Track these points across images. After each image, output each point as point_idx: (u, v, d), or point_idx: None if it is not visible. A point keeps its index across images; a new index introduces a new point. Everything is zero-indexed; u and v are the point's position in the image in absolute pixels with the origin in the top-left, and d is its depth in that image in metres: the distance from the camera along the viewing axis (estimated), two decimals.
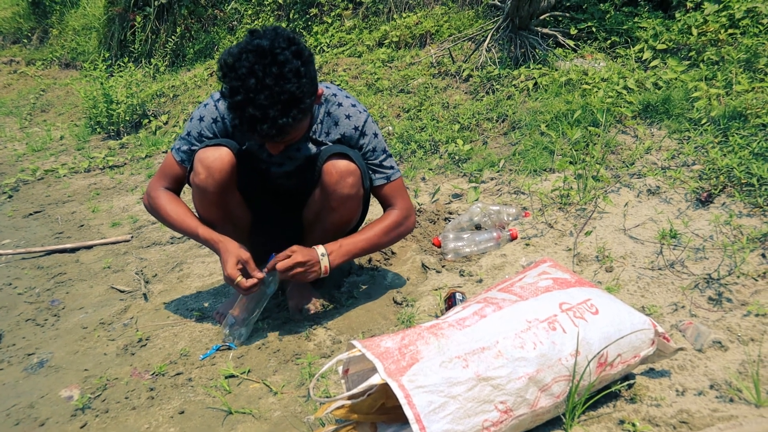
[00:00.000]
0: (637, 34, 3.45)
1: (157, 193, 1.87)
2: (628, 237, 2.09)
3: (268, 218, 2.04)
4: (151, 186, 1.90)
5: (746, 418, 1.22)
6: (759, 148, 2.18)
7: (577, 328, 1.24)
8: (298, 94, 1.51)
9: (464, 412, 1.10)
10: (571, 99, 3.05)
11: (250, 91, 1.48)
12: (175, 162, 1.86)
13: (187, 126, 1.85)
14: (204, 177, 1.74)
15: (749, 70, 2.75)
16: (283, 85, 1.48)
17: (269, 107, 1.49)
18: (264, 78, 1.47)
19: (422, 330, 1.23)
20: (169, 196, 1.88)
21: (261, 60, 1.48)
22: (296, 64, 1.51)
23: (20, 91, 7.24)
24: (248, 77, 1.47)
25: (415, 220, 1.96)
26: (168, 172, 1.89)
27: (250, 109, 1.49)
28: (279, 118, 1.51)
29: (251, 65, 1.47)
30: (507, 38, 3.74)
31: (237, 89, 1.49)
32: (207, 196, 1.78)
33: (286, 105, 1.50)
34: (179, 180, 1.89)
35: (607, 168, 2.54)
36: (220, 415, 1.54)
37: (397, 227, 1.90)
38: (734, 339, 1.51)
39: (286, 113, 1.51)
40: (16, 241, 3.12)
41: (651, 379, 1.42)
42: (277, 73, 1.48)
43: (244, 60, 1.48)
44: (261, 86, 1.48)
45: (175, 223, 1.84)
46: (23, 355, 1.98)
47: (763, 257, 1.79)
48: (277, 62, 1.48)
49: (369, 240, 1.85)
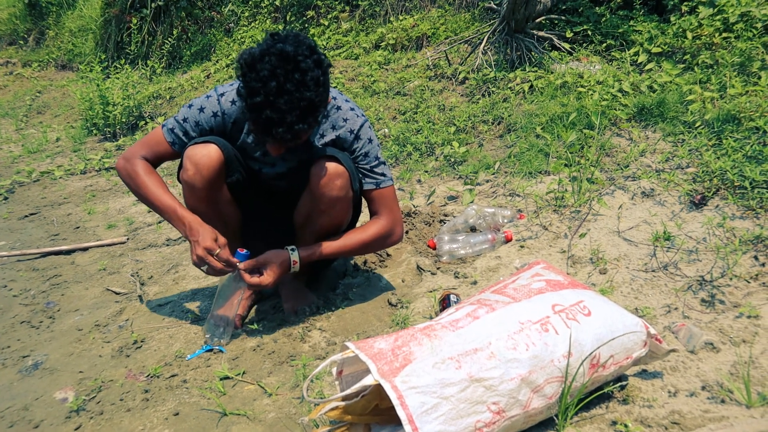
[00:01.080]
0: (632, 38, 3.46)
1: (136, 161, 1.83)
2: (622, 239, 2.10)
3: (260, 218, 2.05)
4: (131, 152, 1.86)
5: (737, 418, 1.23)
6: (752, 151, 2.19)
7: (570, 330, 1.25)
8: (316, 102, 1.54)
9: (457, 412, 1.11)
10: (567, 102, 3.06)
11: (270, 94, 1.49)
12: (164, 140, 1.84)
13: (184, 111, 1.83)
14: (192, 173, 1.75)
15: (743, 74, 2.76)
16: (303, 92, 1.50)
17: (288, 112, 1.50)
18: (285, 83, 1.49)
19: (415, 331, 1.23)
20: (148, 167, 1.85)
21: (284, 65, 1.49)
22: (317, 73, 1.53)
23: (16, 92, 7.22)
24: (269, 80, 1.48)
25: (402, 231, 1.96)
26: (153, 145, 1.85)
27: (269, 111, 1.50)
28: (296, 124, 1.53)
29: (273, 68, 1.48)
30: (503, 41, 3.76)
31: (257, 90, 1.50)
32: (195, 193, 1.80)
33: (304, 111, 1.52)
34: (161, 156, 1.87)
35: (602, 170, 2.55)
36: (215, 416, 1.54)
37: (377, 239, 1.90)
38: (726, 340, 1.52)
39: (303, 119, 1.54)
40: (12, 243, 3.12)
41: (643, 380, 1.43)
42: (299, 79, 1.50)
43: (266, 62, 1.49)
44: (282, 90, 1.49)
45: (149, 196, 1.80)
46: (18, 357, 1.98)
47: (755, 259, 1.80)
48: (299, 69, 1.50)
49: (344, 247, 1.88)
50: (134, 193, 1.87)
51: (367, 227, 1.91)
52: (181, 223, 1.77)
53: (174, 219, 1.78)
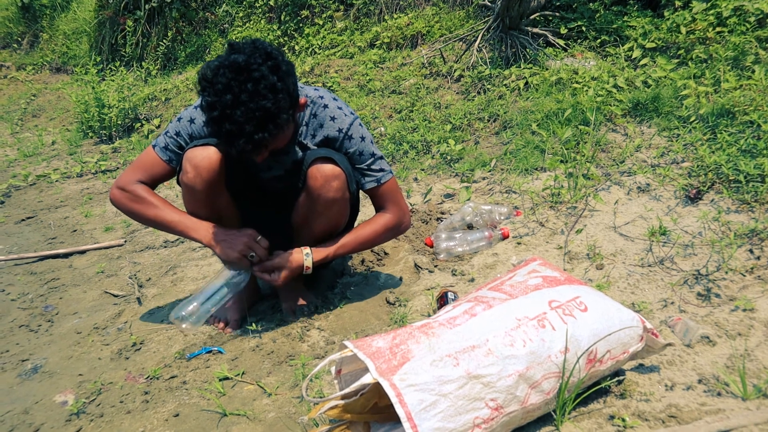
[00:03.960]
0: (626, 33, 3.47)
1: (134, 187, 1.83)
2: (619, 234, 2.11)
3: (259, 220, 2.05)
4: (126, 179, 1.84)
5: (733, 411, 1.24)
6: (746, 145, 2.20)
7: (567, 326, 1.25)
8: (273, 110, 1.51)
9: (455, 409, 1.11)
10: (562, 98, 3.07)
11: (226, 107, 1.48)
12: (160, 160, 1.83)
13: (174, 126, 1.82)
14: (192, 176, 1.74)
15: (737, 68, 2.77)
16: (258, 101, 1.49)
17: (245, 123, 1.50)
18: (240, 94, 1.48)
19: (413, 329, 1.24)
20: (148, 190, 1.84)
21: (237, 76, 1.48)
22: (272, 79, 1.51)
23: (11, 96, 7.20)
24: (224, 93, 1.48)
25: (409, 221, 1.99)
26: (147, 167, 1.84)
27: (227, 124, 1.50)
28: (255, 134, 1.51)
29: (228, 81, 1.48)
30: (498, 38, 3.76)
31: (214, 105, 1.50)
32: (195, 195, 1.78)
33: (261, 121, 1.51)
34: (158, 177, 1.86)
35: (598, 166, 2.56)
36: (215, 417, 1.55)
37: (386, 233, 1.95)
38: (722, 334, 1.53)
39: (262, 128, 1.52)
40: (9, 247, 3.11)
41: (640, 374, 1.43)
42: (252, 89, 1.48)
43: (221, 76, 1.49)
44: (237, 102, 1.48)
45: (158, 216, 1.81)
46: (17, 361, 1.98)
47: (750, 253, 1.81)
48: (252, 78, 1.49)
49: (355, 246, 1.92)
50: (139, 218, 1.86)
51: (375, 222, 1.92)
52: (201, 231, 1.79)
53: (189, 230, 1.80)
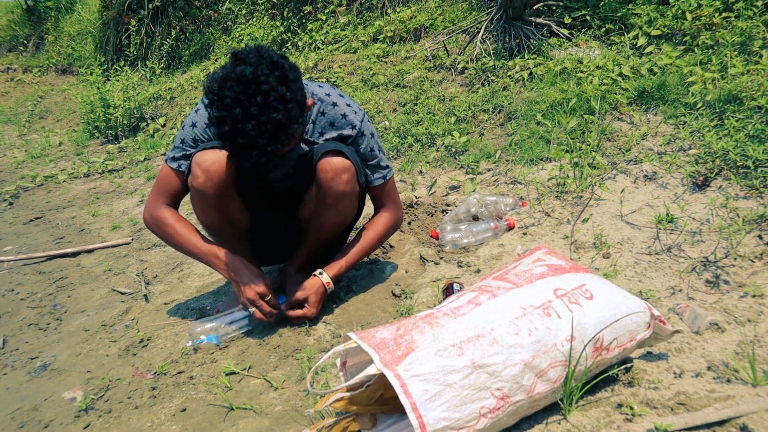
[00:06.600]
0: (631, 21, 3.44)
1: (160, 212, 1.85)
2: (625, 223, 2.09)
3: (267, 220, 2.04)
4: (151, 204, 1.87)
5: (743, 397, 1.23)
6: (754, 131, 2.17)
7: (572, 314, 1.24)
8: (284, 121, 1.49)
9: (460, 399, 1.11)
10: (567, 88, 3.05)
11: (237, 121, 1.45)
12: (173, 172, 1.83)
13: (180, 135, 1.82)
14: (203, 180, 1.71)
15: (744, 53, 2.74)
16: (269, 114, 1.46)
17: (257, 137, 1.47)
18: (249, 108, 1.44)
19: (417, 320, 1.23)
20: (174, 214, 1.86)
21: (245, 89, 1.45)
22: (281, 90, 1.48)
23: (18, 98, 7.26)
24: (233, 107, 1.45)
25: (402, 214, 2.09)
26: (166, 186, 1.85)
27: (239, 138, 1.47)
28: (268, 146, 1.49)
29: (236, 95, 1.45)
30: (501, 29, 3.74)
31: (224, 119, 1.46)
32: (206, 200, 1.76)
33: (273, 133, 1.49)
34: (178, 193, 1.87)
35: (604, 155, 2.54)
36: (222, 411, 1.55)
37: (389, 232, 2.02)
38: (731, 320, 1.51)
39: (275, 140, 1.50)
40: (18, 247, 3.14)
41: (649, 362, 1.42)
42: (262, 103, 1.45)
43: (228, 89, 1.45)
44: (247, 116, 1.45)
45: (184, 244, 1.84)
46: (26, 359, 1.99)
47: (759, 239, 1.79)
48: (261, 91, 1.45)
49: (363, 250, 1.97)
50: (168, 243, 1.89)
51: (376, 225, 1.97)
52: (224, 265, 1.81)
53: (214, 263, 1.82)
